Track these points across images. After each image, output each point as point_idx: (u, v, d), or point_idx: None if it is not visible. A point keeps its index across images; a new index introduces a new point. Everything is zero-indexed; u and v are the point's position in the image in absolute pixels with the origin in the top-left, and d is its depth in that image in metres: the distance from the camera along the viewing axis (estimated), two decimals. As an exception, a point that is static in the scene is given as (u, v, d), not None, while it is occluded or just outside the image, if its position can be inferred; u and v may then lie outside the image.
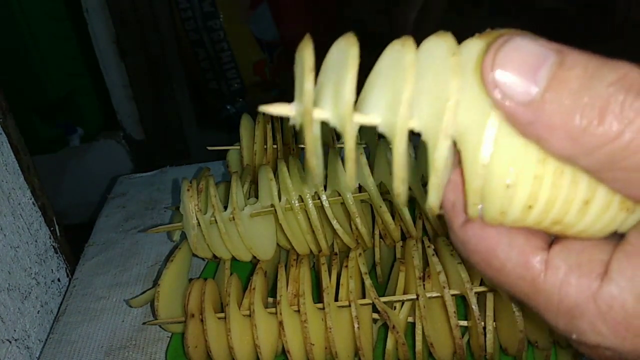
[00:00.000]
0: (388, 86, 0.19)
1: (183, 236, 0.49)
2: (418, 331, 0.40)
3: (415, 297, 0.40)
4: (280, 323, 0.39)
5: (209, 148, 0.58)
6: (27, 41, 1.20)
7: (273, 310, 0.41)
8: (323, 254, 0.45)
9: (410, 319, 0.41)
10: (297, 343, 0.39)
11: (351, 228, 0.47)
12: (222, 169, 0.67)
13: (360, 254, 0.43)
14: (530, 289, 0.19)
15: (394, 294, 0.41)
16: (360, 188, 0.45)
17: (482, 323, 0.38)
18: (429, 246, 0.42)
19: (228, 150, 0.58)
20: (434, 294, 0.39)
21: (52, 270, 0.59)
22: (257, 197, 0.46)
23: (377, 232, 0.49)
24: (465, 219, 0.20)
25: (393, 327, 0.39)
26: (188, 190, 0.46)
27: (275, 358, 0.42)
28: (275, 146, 0.56)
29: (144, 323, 0.51)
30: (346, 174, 0.19)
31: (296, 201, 0.44)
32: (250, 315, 0.40)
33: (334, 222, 0.43)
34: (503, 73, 0.17)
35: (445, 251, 0.41)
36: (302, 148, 0.56)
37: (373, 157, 0.47)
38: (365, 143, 0.53)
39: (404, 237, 0.47)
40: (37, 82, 1.26)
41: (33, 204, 0.57)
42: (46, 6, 1.21)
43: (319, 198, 0.43)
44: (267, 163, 0.54)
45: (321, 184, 0.43)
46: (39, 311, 0.55)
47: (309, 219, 0.44)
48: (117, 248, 0.62)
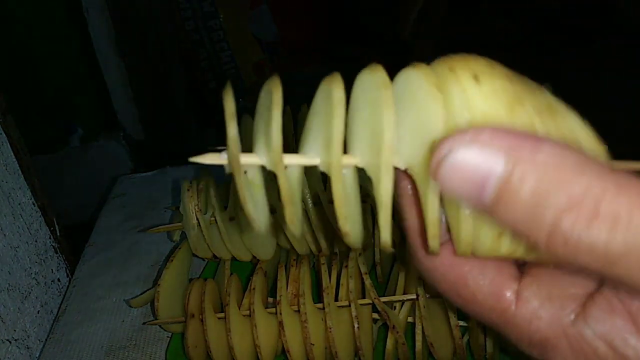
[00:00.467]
0: (322, 124, 0.18)
1: (183, 236, 0.49)
2: (418, 331, 0.40)
3: (415, 297, 0.40)
4: (280, 323, 0.39)
5: (209, 148, 0.58)
6: (27, 41, 1.21)
7: (273, 310, 0.41)
8: (323, 254, 0.45)
9: (410, 319, 0.41)
10: (297, 343, 0.39)
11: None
12: (222, 169, 0.67)
13: (360, 254, 0.43)
14: (501, 320, 0.19)
15: (394, 294, 0.41)
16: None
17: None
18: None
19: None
20: (434, 294, 0.39)
21: (52, 270, 0.59)
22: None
23: (377, 232, 0.49)
24: None
25: (393, 327, 0.39)
26: (188, 190, 0.46)
27: (275, 358, 0.42)
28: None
29: (144, 323, 0.51)
30: (287, 222, 0.18)
31: (296, 201, 0.44)
32: (250, 315, 0.40)
33: (334, 222, 0.43)
34: (450, 185, 0.16)
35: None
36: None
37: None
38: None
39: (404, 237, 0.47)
40: (37, 82, 1.26)
41: (33, 204, 0.57)
42: (46, 6, 1.21)
43: (319, 198, 0.43)
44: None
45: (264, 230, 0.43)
46: (39, 311, 0.55)
47: (309, 219, 0.44)
48: (117, 248, 0.62)
